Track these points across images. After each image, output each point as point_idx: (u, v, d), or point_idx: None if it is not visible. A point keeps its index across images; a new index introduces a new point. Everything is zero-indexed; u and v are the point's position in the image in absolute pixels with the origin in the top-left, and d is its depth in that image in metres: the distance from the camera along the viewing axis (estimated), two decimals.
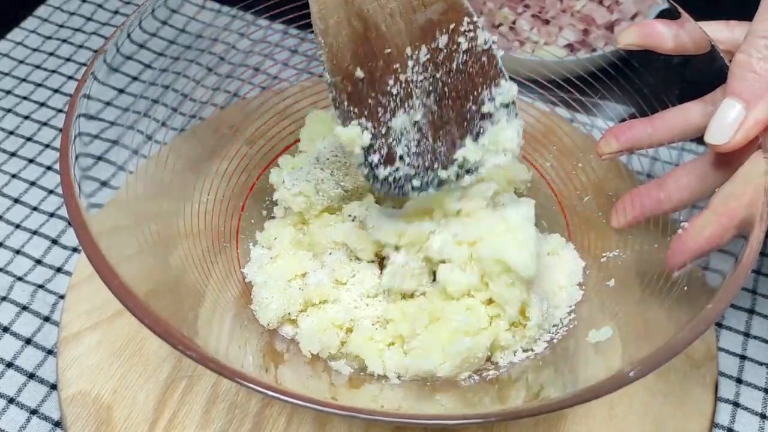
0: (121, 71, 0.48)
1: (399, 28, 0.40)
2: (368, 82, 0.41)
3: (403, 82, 0.41)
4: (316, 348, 0.46)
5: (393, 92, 0.41)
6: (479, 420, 0.35)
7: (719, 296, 0.37)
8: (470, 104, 0.42)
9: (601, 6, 0.67)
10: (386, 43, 0.40)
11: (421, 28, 0.40)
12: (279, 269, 0.50)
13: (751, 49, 0.42)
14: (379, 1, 0.40)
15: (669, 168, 0.51)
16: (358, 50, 0.40)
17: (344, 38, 0.40)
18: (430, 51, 0.41)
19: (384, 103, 0.41)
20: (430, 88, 0.42)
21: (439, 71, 0.41)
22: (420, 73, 0.41)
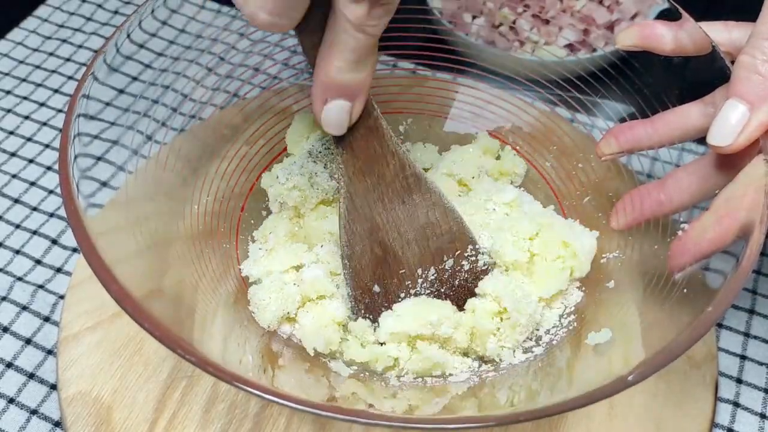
0: (120, 71, 0.48)
1: (414, 252, 0.47)
2: (383, 295, 0.47)
3: (412, 295, 0.47)
4: (320, 345, 0.46)
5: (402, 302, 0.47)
6: (479, 423, 0.35)
7: (719, 299, 0.37)
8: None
9: (601, 6, 0.67)
10: (401, 265, 0.47)
11: (432, 253, 0.47)
12: (273, 262, 0.50)
13: (755, 51, 0.41)
14: (399, 231, 0.46)
15: (669, 168, 0.50)
16: (377, 271, 0.47)
17: (367, 261, 0.46)
18: (438, 271, 0.48)
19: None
20: (435, 297, 0.48)
21: (443, 286, 0.48)
22: (427, 288, 0.48)
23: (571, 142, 0.57)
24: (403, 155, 0.45)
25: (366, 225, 0.46)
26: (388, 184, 0.45)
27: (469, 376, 0.46)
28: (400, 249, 0.47)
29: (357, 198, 0.45)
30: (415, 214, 0.46)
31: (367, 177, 0.45)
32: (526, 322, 0.46)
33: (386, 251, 0.46)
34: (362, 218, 0.46)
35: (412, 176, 0.46)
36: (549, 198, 0.56)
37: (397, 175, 0.45)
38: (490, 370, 0.46)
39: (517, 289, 0.46)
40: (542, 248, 0.49)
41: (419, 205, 0.46)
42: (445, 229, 0.47)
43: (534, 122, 0.59)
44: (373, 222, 0.46)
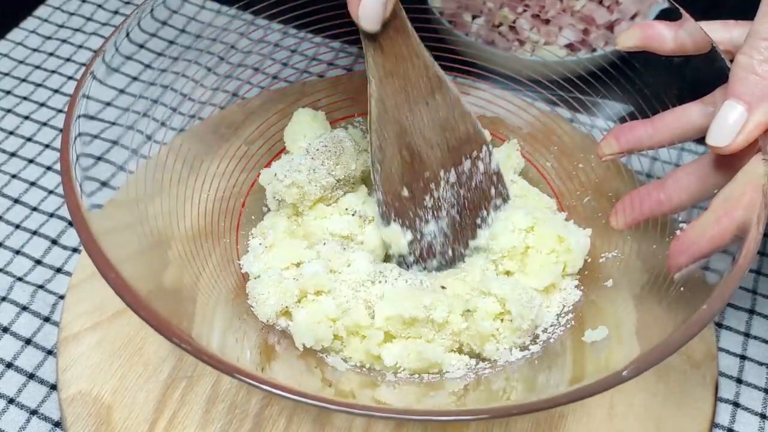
0: (120, 71, 0.48)
1: (436, 155, 0.49)
2: (411, 198, 0.49)
3: (436, 199, 0.50)
4: (309, 341, 0.46)
5: (428, 206, 0.50)
6: (474, 416, 0.36)
7: (715, 297, 0.37)
8: (481, 213, 0.52)
9: (600, 6, 0.67)
10: (426, 168, 0.49)
11: (452, 155, 0.49)
12: (273, 258, 0.50)
13: (752, 51, 0.41)
14: (424, 135, 0.48)
15: (669, 168, 0.50)
16: (405, 174, 0.49)
17: (396, 165, 0.48)
18: (458, 174, 0.50)
19: (420, 215, 0.50)
20: (455, 202, 0.51)
21: (462, 188, 0.51)
22: (448, 191, 0.50)
23: (571, 142, 0.57)
24: (427, 56, 0.46)
25: (395, 128, 0.47)
26: (413, 85, 0.46)
27: (466, 373, 0.46)
28: (424, 152, 0.48)
29: (387, 100, 0.46)
30: (437, 116, 0.48)
31: (395, 78, 0.46)
32: (527, 327, 0.46)
33: (412, 154, 0.48)
34: (392, 121, 0.47)
35: (435, 77, 0.47)
36: (549, 197, 0.56)
37: (421, 75, 0.46)
38: (486, 368, 0.46)
39: (523, 293, 0.46)
40: (537, 241, 0.49)
41: (441, 106, 0.48)
42: (462, 131, 0.49)
43: (534, 122, 0.59)
44: (401, 125, 0.47)
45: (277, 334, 0.48)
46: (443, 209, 0.51)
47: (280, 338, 0.47)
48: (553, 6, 0.66)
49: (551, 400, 0.35)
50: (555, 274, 0.49)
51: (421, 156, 0.49)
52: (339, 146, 0.52)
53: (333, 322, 0.47)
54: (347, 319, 0.46)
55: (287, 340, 0.47)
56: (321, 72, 0.67)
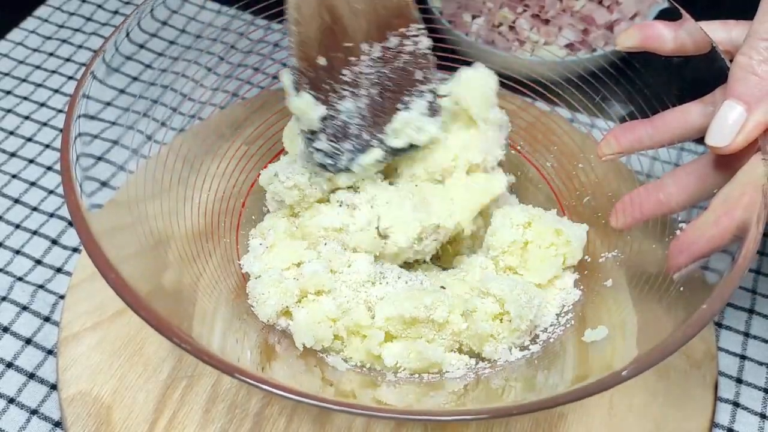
0: (121, 71, 0.49)
1: (360, 24, 0.46)
2: (327, 69, 0.46)
3: (356, 73, 0.47)
4: (309, 341, 0.46)
5: (346, 80, 0.47)
6: (474, 416, 0.36)
7: (714, 296, 0.37)
8: (405, 96, 0.49)
9: (600, 6, 0.67)
10: (348, 37, 0.46)
11: (377, 28, 0.46)
12: (274, 258, 0.50)
13: (751, 51, 0.41)
14: (349, 0, 0.45)
15: (669, 168, 0.51)
16: (323, 41, 0.45)
17: (314, 29, 0.45)
18: (382, 49, 0.47)
19: (337, 89, 0.47)
20: (376, 81, 0.48)
21: (385, 67, 0.48)
22: (370, 67, 0.47)
23: (571, 142, 0.57)
24: None
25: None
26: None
27: (466, 373, 0.46)
28: (347, 18, 0.45)
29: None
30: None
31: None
32: (526, 328, 0.46)
33: (334, 18, 0.45)
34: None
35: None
36: (549, 198, 0.56)
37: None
38: (486, 367, 0.46)
39: (523, 293, 0.46)
40: (536, 236, 0.50)
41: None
42: (394, 2, 0.46)
43: (534, 122, 0.59)
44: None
45: (277, 334, 0.48)
46: (362, 86, 0.47)
47: (281, 338, 0.47)
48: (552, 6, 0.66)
49: (551, 400, 0.35)
50: (556, 267, 0.50)
51: (343, 21, 0.45)
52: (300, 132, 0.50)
53: (333, 322, 0.47)
54: (347, 319, 0.46)
55: (287, 340, 0.47)
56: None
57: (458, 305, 0.46)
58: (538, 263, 0.49)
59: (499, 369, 0.45)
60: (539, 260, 0.49)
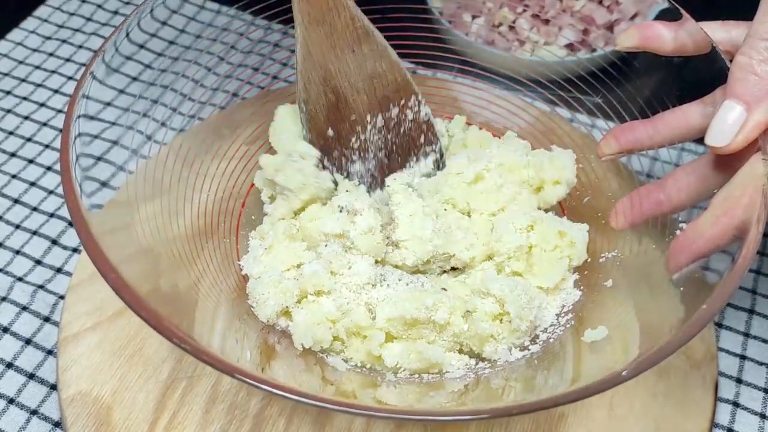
0: (120, 71, 0.49)
1: (363, 100, 0.52)
2: (336, 138, 0.52)
3: (362, 141, 0.53)
4: (308, 342, 0.46)
5: (354, 147, 0.53)
6: (474, 416, 0.36)
7: (714, 297, 0.37)
8: (411, 159, 0.55)
9: (600, 6, 0.67)
10: (352, 111, 0.52)
11: (379, 102, 0.52)
12: (274, 260, 0.50)
13: (751, 51, 0.41)
14: (350, 81, 0.51)
15: (669, 168, 0.51)
16: (330, 115, 0.52)
17: (321, 106, 0.51)
18: (385, 119, 0.53)
19: (347, 154, 0.53)
20: (382, 146, 0.54)
21: (390, 134, 0.54)
22: (375, 134, 0.53)
23: (571, 142, 0.57)
24: (353, 8, 0.49)
25: (320, 72, 0.50)
26: (339, 34, 0.49)
27: (466, 373, 0.46)
28: (350, 96, 0.51)
29: (311, 45, 0.49)
30: (364, 65, 0.51)
31: (320, 26, 0.49)
32: (525, 328, 0.46)
33: (338, 97, 0.51)
34: (316, 65, 0.50)
35: (362, 28, 0.50)
36: None
37: (347, 26, 0.49)
38: (486, 367, 0.46)
39: (523, 294, 0.46)
40: (540, 239, 0.49)
41: (368, 56, 0.51)
42: (390, 80, 0.52)
43: (534, 122, 0.59)
44: (326, 69, 0.50)
45: (277, 335, 0.48)
46: (370, 151, 0.53)
47: (281, 338, 0.47)
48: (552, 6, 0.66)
49: (551, 400, 0.35)
50: (563, 270, 0.49)
51: (347, 99, 0.51)
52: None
53: (333, 324, 0.47)
54: (347, 320, 0.46)
55: (287, 341, 0.47)
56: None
57: (459, 306, 0.46)
58: (544, 267, 0.49)
59: (499, 369, 0.45)
60: (546, 264, 0.49)
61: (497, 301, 0.46)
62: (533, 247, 0.50)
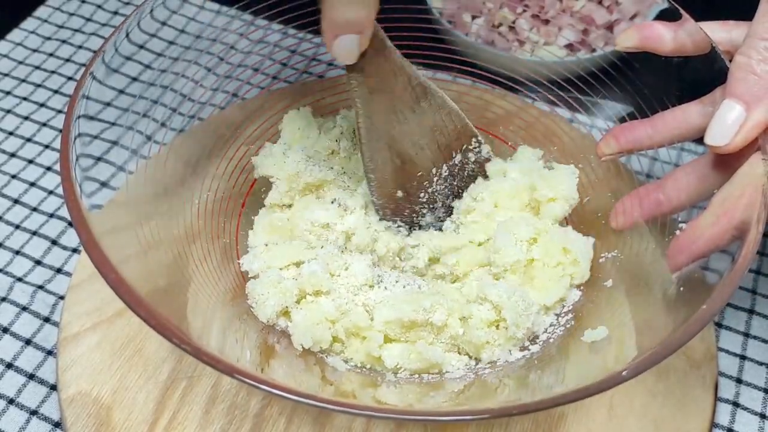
0: (120, 72, 0.48)
1: (427, 156, 0.51)
2: (406, 197, 0.52)
3: (430, 193, 0.53)
4: (307, 342, 0.46)
5: (423, 201, 0.53)
6: (475, 416, 0.36)
7: (714, 297, 0.37)
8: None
9: (600, 6, 0.67)
10: (418, 168, 0.51)
11: (442, 152, 0.52)
12: (273, 258, 0.50)
13: (751, 51, 0.41)
14: (413, 140, 0.50)
15: (669, 168, 0.51)
16: (398, 178, 0.51)
17: (389, 172, 0.51)
18: (449, 167, 0.53)
19: (417, 209, 0.53)
20: (449, 193, 0.54)
21: (455, 179, 0.54)
22: (441, 184, 0.53)
23: (571, 142, 0.57)
24: (408, 68, 0.48)
25: (385, 139, 0.49)
26: (399, 97, 0.48)
27: (466, 373, 0.46)
28: (415, 155, 0.51)
29: (374, 116, 0.48)
30: (425, 121, 0.50)
31: (380, 95, 0.48)
32: (522, 336, 0.46)
33: (404, 160, 0.50)
34: (380, 133, 0.49)
35: (419, 86, 0.49)
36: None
37: (405, 87, 0.48)
38: (486, 368, 0.46)
39: (520, 301, 0.46)
40: (543, 254, 0.49)
41: (427, 111, 0.50)
42: (451, 129, 0.51)
43: (534, 122, 0.59)
44: (390, 135, 0.49)
45: (277, 335, 0.48)
46: (438, 201, 0.53)
47: (280, 338, 0.47)
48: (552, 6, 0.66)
49: (551, 400, 0.35)
50: (563, 289, 0.49)
51: (412, 159, 0.51)
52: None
53: (332, 324, 0.47)
54: (346, 321, 0.46)
55: (287, 341, 0.47)
56: (321, 72, 0.67)
57: (457, 309, 0.46)
58: (545, 283, 0.49)
59: (499, 369, 0.45)
60: (546, 279, 0.49)
61: (494, 307, 0.46)
62: (534, 261, 0.49)
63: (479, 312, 0.46)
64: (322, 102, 0.60)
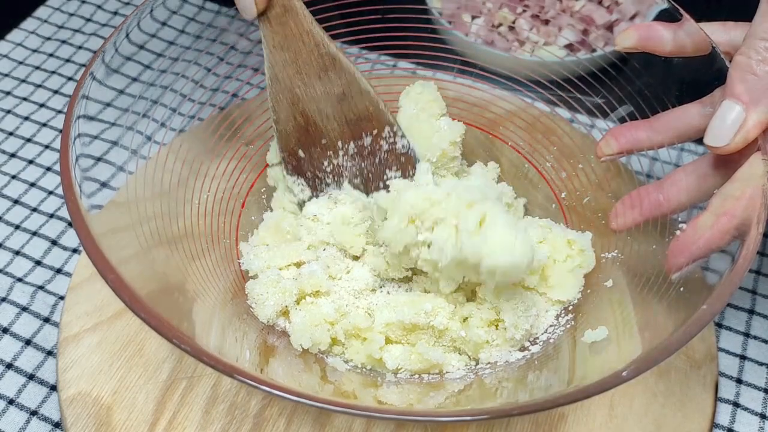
0: (120, 72, 0.48)
1: (333, 126, 0.53)
2: (308, 160, 0.54)
3: (335, 165, 0.54)
4: (306, 343, 0.46)
5: (327, 170, 0.54)
6: (475, 417, 0.36)
7: (715, 297, 0.37)
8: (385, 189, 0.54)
9: (600, 6, 0.67)
10: (322, 135, 0.53)
11: (350, 129, 0.53)
12: (273, 258, 0.50)
13: (750, 51, 0.41)
14: (318, 106, 0.52)
15: (669, 168, 0.50)
16: (301, 138, 0.53)
17: (291, 128, 0.53)
18: (357, 147, 0.53)
19: (320, 176, 0.54)
20: (357, 173, 0.54)
21: (364, 161, 0.54)
22: (348, 161, 0.54)
23: (571, 142, 0.57)
24: (318, 34, 0.50)
25: (288, 95, 0.51)
26: (304, 60, 0.50)
27: (466, 373, 0.46)
28: (320, 121, 0.52)
29: (278, 69, 0.50)
30: (332, 91, 0.51)
31: (285, 51, 0.50)
32: (521, 337, 0.46)
33: (307, 121, 0.52)
34: (284, 89, 0.51)
35: (327, 55, 0.50)
36: (549, 198, 0.56)
37: (312, 52, 0.50)
38: (486, 368, 0.46)
39: (520, 303, 0.46)
40: (552, 251, 0.49)
41: (335, 82, 0.51)
42: (361, 108, 0.52)
43: (534, 122, 0.59)
44: (293, 93, 0.51)
45: (277, 335, 0.48)
46: (344, 177, 0.54)
47: (280, 338, 0.47)
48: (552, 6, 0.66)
49: (551, 401, 0.35)
50: (580, 281, 0.49)
51: (316, 123, 0.52)
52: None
53: (331, 325, 0.47)
54: (346, 322, 0.46)
55: (287, 341, 0.47)
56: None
57: (458, 312, 0.46)
58: (561, 279, 0.49)
59: (499, 370, 0.45)
60: (561, 276, 0.49)
61: (493, 308, 0.46)
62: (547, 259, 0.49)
63: (479, 312, 0.46)
64: None
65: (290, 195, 0.55)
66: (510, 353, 0.46)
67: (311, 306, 0.47)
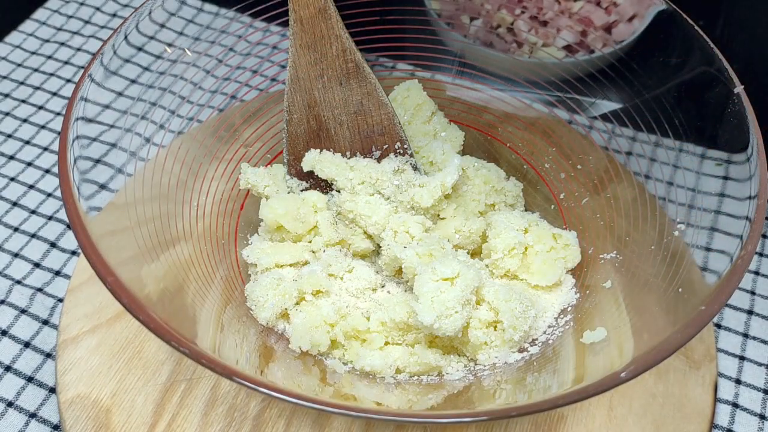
0: (119, 74, 0.48)
1: (345, 135, 0.53)
2: None
3: None
4: (306, 345, 0.46)
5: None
6: (474, 418, 0.36)
7: (713, 298, 0.37)
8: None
9: (598, 8, 0.67)
10: (332, 143, 0.53)
11: (361, 141, 0.53)
12: (273, 259, 0.50)
13: None
14: (333, 112, 0.52)
15: (668, 169, 0.50)
16: (310, 141, 0.53)
17: (302, 131, 0.53)
18: (366, 160, 0.53)
19: (322, 186, 0.54)
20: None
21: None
22: None
23: (569, 143, 0.57)
24: (347, 41, 0.50)
25: (305, 97, 0.52)
26: (329, 64, 0.51)
27: (465, 375, 0.46)
28: (332, 128, 0.53)
29: (300, 69, 0.51)
30: (350, 99, 0.52)
31: (311, 52, 0.50)
32: (519, 338, 0.46)
33: (320, 126, 0.53)
34: (303, 90, 0.51)
35: (352, 62, 0.51)
36: (548, 198, 0.56)
37: (338, 56, 0.51)
38: (485, 369, 0.46)
39: (518, 304, 0.46)
40: (536, 240, 0.50)
41: (355, 90, 0.52)
42: (376, 120, 0.53)
43: (533, 123, 0.59)
44: (312, 95, 0.52)
45: (276, 337, 0.48)
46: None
47: (280, 340, 0.47)
48: (550, 8, 0.66)
49: (550, 402, 0.35)
50: (560, 270, 0.50)
51: (328, 130, 0.53)
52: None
53: (331, 327, 0.47)
54: (345, 324, 0.46)
55: (286, 343, 0.47)
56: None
57: None
58: (541, 266, 0.49)
59: (498, 371, 0.45)
60: (542, 263, 0.49)
61: (492, 308, 0.46)
62: (529, 248, 0.50)
63: (477, 313, 0.46)
64: None
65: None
66: (509, 354, 0.46)
67: (311, 307, 0.47)
